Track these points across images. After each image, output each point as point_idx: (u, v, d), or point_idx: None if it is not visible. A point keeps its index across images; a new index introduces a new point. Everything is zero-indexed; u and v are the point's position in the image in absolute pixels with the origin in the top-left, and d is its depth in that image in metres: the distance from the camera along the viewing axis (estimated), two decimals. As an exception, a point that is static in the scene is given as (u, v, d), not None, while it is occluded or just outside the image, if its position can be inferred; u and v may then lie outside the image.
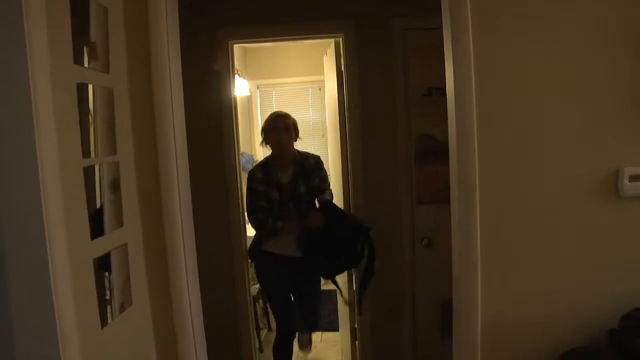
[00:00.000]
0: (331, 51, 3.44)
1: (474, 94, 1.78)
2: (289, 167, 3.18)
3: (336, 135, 3.47)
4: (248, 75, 5.41)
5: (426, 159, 3.16)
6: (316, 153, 3.42)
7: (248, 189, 3.15)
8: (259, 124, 5.75)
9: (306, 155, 3.28)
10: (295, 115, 5.63)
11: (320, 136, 5.47)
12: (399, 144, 3.19)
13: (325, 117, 5.14)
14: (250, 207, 3.15)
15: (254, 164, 3.41)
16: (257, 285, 4.07)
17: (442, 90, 2.06)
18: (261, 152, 5.77)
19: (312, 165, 3.23)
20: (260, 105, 5.75)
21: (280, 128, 3.14)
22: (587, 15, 1.76)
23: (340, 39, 3.21)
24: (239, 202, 3.31)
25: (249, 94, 5.47)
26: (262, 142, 3.24)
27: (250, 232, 3.34)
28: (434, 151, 3.07)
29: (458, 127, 1.82)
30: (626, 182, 1.80)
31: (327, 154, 4.37)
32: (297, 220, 3.09)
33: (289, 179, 3.16)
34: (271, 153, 3.23)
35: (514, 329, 1.85)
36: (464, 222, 1.83)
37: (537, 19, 1.77)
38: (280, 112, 3.26)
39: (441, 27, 1.91)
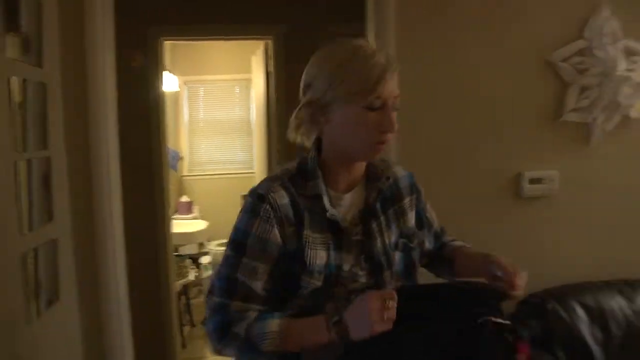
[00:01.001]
0: (260, 52, 3.50)
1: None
2: (351, 189, 1.23)
3: (263, 134, 3.54)
4: (176, 71, 5.35)
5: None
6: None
7: (234, 241, 1.16)
8: (184, 119, 5.66)
9: (386, 166, 1.28)
10: (222, 113, 5.71)
11: (247, 134, 5.48)
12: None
13: (252, 116, 5.18)
14: (224, 288, 1.13)
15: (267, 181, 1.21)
16: (181, 281, 4.06)
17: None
18: (187, 148, 5.69)
19: (405, 186, 1.31)
20: (188, 101, 5.68)
21: (391, 99, 1.10)
22: (503, 36, 1.96)
23: (270, 41, 3.28)
24: (163, 196, 3.29)
25: (178, 89, 5.40)
26: (298, 127, 1.22)
27: (181, 226, 3.15)
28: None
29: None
30: (526, 184, 2.02)
31: (253, 152, 4.42)
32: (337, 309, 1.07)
33: (354, 218, 1.21)
34: (327, 154, 1.20)
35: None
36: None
37: (457, 35, 1.95)
38: (382, 53, 1.11)
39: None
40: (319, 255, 1.13)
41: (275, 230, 1.12)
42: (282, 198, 1.14)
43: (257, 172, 3.91)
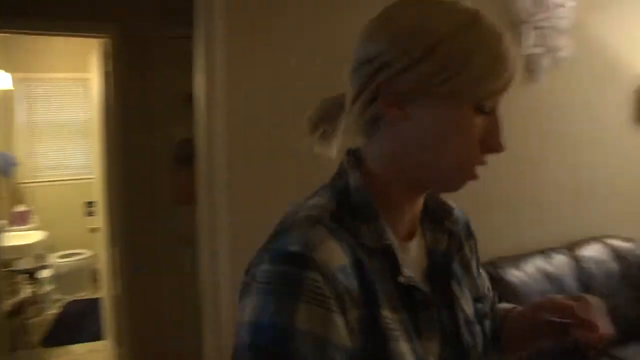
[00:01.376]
0: (98, 51, 3.32)
1: (225, 102, 1.89)
2: (413, 235, 0.79)
3: (101, 136, 3.37)
4: (9, 67, 4.87)
5: (186, 162, 3.24)
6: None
7: (259, 350, 0.58)
8: (20, 121, 5.15)
9: (441, 201, 0.87)
10: (63, 114, 5.29)
11: (86, 136, 5.08)
12: (161, 146, 3.25)
13: (92, 117, 4.88)
14: None
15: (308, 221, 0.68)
16: (13, 300, 3.72)
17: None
18: (24, 152, 5.16)
19: (463, 228, 0.91)
20: (24, 101, 5.17)
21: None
22: (331, 42, 2.00)
23: (107, 40, 3.12)
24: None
25: (12, 87, 4.93)
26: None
27: (15, 239, 2.82)
28: (192, 154, 3.19)
29: (209, 132, 1.95)
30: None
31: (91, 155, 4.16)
32: None
33: (424, 281, 0.77)
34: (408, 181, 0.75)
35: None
36: (212, 221, 1.95)
37: (288, 41, 1.97)
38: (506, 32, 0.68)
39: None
40: (400, 350, 0.66)
41: (339, 320, 0.61)
42: (338, 256, 0.64)
43: (97, 177, 3.70)
